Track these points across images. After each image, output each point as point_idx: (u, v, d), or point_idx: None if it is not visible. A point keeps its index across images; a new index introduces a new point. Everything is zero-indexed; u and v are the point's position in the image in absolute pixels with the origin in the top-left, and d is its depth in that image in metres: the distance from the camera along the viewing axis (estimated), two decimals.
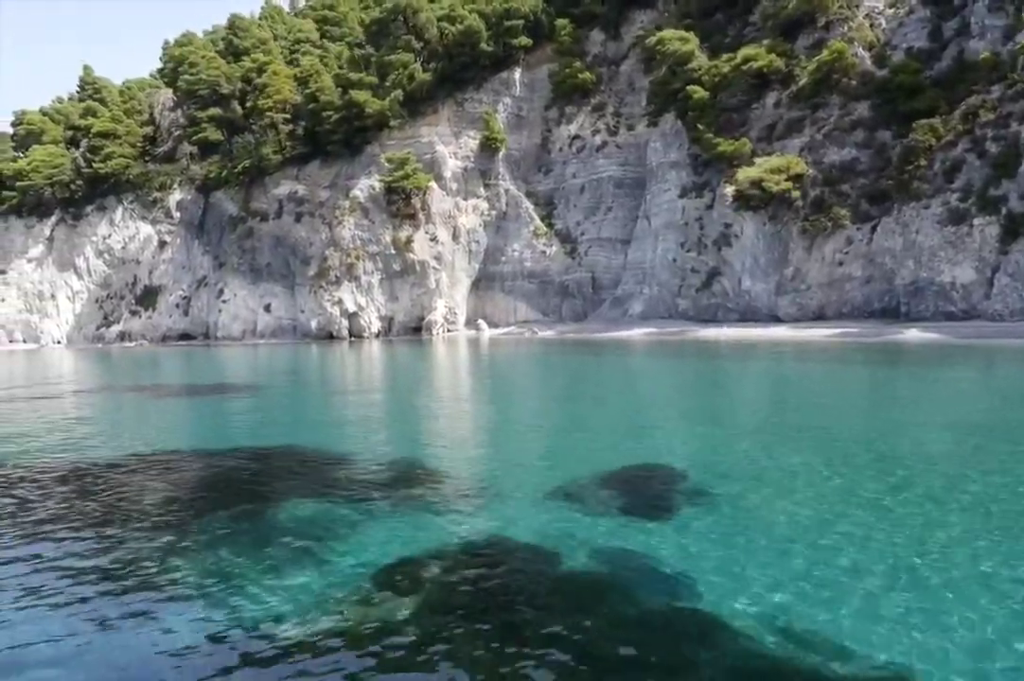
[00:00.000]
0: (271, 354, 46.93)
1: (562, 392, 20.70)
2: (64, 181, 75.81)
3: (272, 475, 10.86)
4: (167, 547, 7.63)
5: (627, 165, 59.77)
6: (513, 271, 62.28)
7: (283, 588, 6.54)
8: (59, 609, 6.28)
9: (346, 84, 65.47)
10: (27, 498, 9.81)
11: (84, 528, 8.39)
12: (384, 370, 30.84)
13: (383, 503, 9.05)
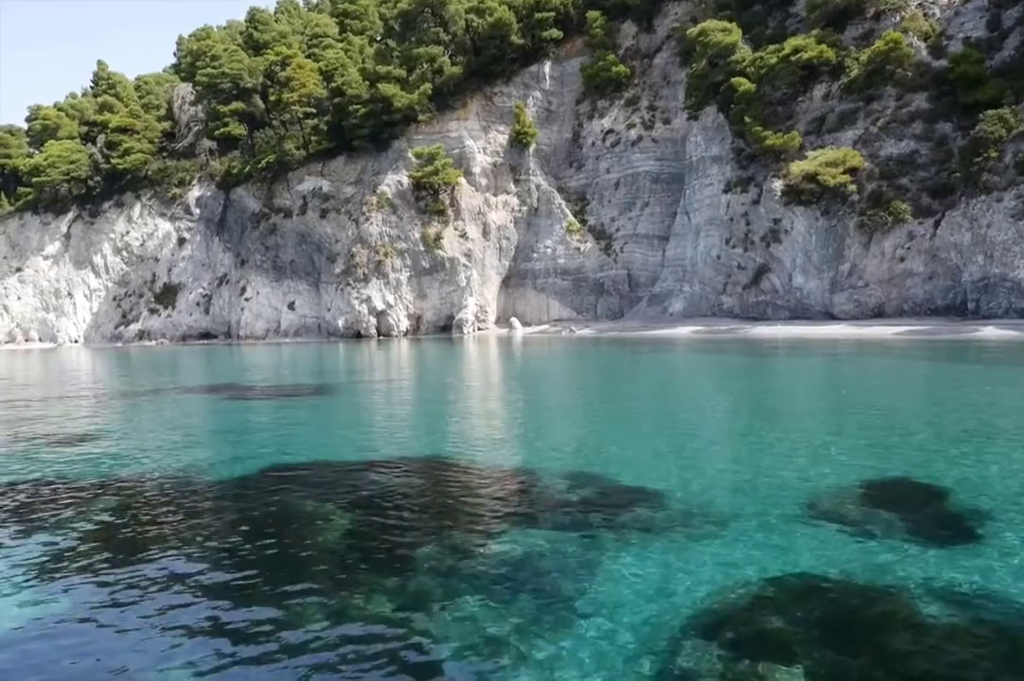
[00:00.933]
0: (304, 353, 45.51)
1: (682, 394, 19.30)
2: (81, 177, 74.34)
3: (448, 493, 9.36)
4: (359, 596, 5.86)
5: (664, 160, 58.43)
6: (545, 268, 60.91)
7: (546, 660, 4.86)
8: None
9: (373, 77, 64.07)
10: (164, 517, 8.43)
11: (260, 564, 6.99)
12: (445, 370, 29.41)
13: (606, 531, 7.43)
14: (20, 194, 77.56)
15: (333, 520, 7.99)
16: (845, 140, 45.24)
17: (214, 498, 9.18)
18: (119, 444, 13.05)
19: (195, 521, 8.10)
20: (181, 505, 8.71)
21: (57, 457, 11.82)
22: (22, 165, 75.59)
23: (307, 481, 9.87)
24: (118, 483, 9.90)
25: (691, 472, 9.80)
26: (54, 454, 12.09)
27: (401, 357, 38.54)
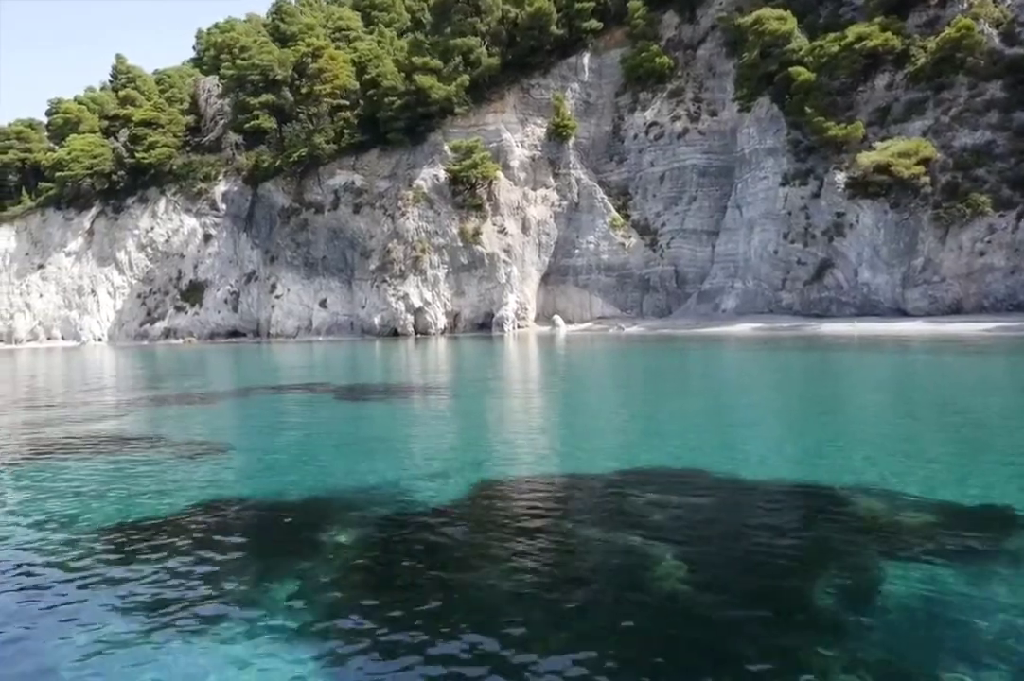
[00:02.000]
0: (349, 352, 43.93)
1: (810, 395, 17.68)
2: (104, 171, 72.72)
3: (734, 512, 7.76)
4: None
5: (711, 153, 56.89)
6: (588, 264, 59.35)
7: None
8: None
9: (409, 69, 62.50)
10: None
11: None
12: (533, 369, 27.78)
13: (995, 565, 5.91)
14: (41, 189, 75.99)
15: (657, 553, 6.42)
16: (913, 130, 43.70)
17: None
18: (271, 454, 11.49)
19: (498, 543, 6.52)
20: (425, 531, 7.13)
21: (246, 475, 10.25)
22: (44, 160, 73.96)
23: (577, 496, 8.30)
24: (312, 504, 8.34)
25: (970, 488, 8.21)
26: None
27: (461, 356, 36.99)
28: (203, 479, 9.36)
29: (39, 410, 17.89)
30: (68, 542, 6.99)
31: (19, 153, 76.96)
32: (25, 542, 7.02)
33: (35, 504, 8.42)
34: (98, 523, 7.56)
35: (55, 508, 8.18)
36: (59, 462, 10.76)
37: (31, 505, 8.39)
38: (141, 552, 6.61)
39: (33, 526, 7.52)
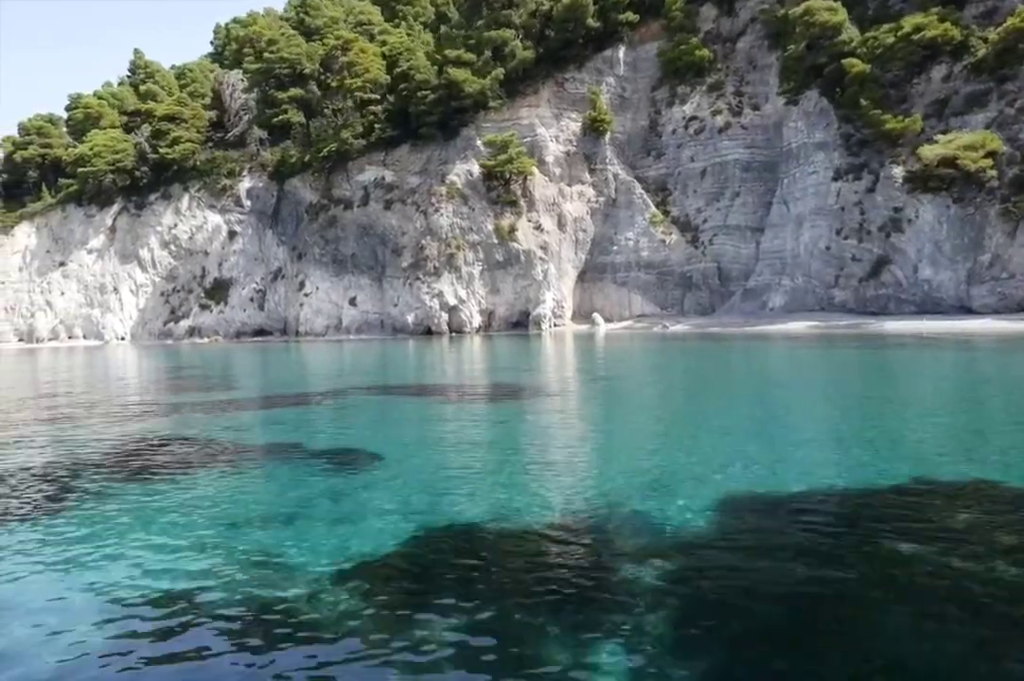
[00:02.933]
0: (390, 350, 42.77)
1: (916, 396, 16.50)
2: (127, 167, 71.41)
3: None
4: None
5: (754, 147, 55.72)
6: (627, 261, 58.17)
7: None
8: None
9: (441, 62, 61.31)
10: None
11: None
12: (608, 369, 26.57)
13: None
14: (62, 186, 74.71)
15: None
16: (976, 123, 42.56)
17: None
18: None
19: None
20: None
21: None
22: (65, 155, 72.68)
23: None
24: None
25: None
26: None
27: (517, 354, 35.81)
28: (388, 496, 8.16)
29: (140, 418, 16.71)
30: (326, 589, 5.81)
31: (39, 149, 75.64)
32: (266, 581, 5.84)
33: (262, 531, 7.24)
34: (330, 562, 6.38)
35: (272, 541, 6.99)
36: (238, 480, 9.58)
37: (245, 531, 7.20)
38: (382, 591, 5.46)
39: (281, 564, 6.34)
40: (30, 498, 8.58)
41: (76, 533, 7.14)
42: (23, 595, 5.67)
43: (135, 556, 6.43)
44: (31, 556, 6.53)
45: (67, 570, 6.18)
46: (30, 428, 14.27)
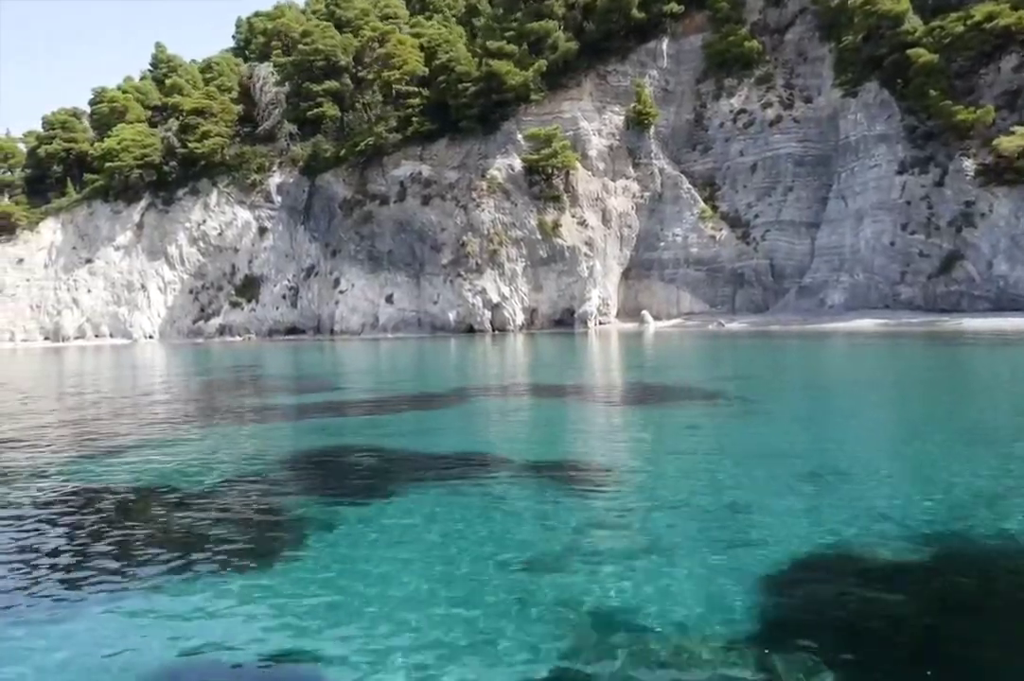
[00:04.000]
0: (443, 348, 41.41)
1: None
2: (155, 162, 69.93)
3: None
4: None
5: (808, 141, 54.37)
6: (675, 258, 56.80)
7: None
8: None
9: (482, 54, 59.90)
10: None
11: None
12: (708, 369, 25.20)
13: None
14: (87, 181, 73.22)
15: None
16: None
17: None
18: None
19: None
20: None
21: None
22: (92, 150, 71.20)
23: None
24: None
25: None
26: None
27: (584, 352, 34.48)
28: (688, 521, 6.81)
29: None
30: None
31: (63, 143, 74.15)
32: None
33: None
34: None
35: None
36: (475, 502, 8.21)
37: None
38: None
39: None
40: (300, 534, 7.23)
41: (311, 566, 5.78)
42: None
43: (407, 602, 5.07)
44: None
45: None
46: (200, 446, 12.91)
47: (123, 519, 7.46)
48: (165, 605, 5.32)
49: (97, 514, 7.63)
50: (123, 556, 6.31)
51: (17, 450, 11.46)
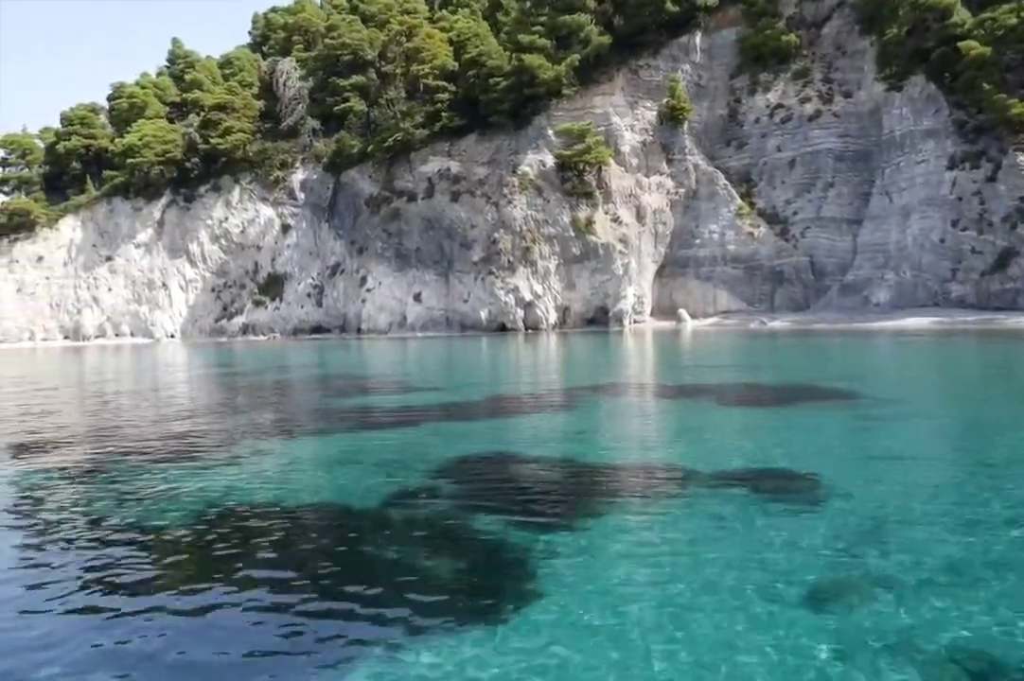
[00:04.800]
0: (486, 346, 40.40)
1: None
2: (176, 158, 68.89)
3: None
4: None
5: (848, 136, 53.46)
6: (711, 255, 55.85)
7: None
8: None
9: (512, 48, 58.88)
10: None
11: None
12: (806, 367, 24.25)
13: None
14: (106, 177, 72.14)
15: None
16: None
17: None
18: None
19: None
20: None
21: None
22: (113, 146, 70.10)
23: None
24: None
25: None
26: None
27: (646, 351, 33.50)
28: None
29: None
30: None
31: (82, 139, 73.07)
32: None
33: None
34: None
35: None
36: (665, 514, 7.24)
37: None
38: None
39: None
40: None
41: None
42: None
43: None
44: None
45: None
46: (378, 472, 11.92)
47: (289, 552, 6.32)
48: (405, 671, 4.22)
49: (258, 543, 6.49)
50: (319, 607, 5.12)
51: (143, 467, 10.47)
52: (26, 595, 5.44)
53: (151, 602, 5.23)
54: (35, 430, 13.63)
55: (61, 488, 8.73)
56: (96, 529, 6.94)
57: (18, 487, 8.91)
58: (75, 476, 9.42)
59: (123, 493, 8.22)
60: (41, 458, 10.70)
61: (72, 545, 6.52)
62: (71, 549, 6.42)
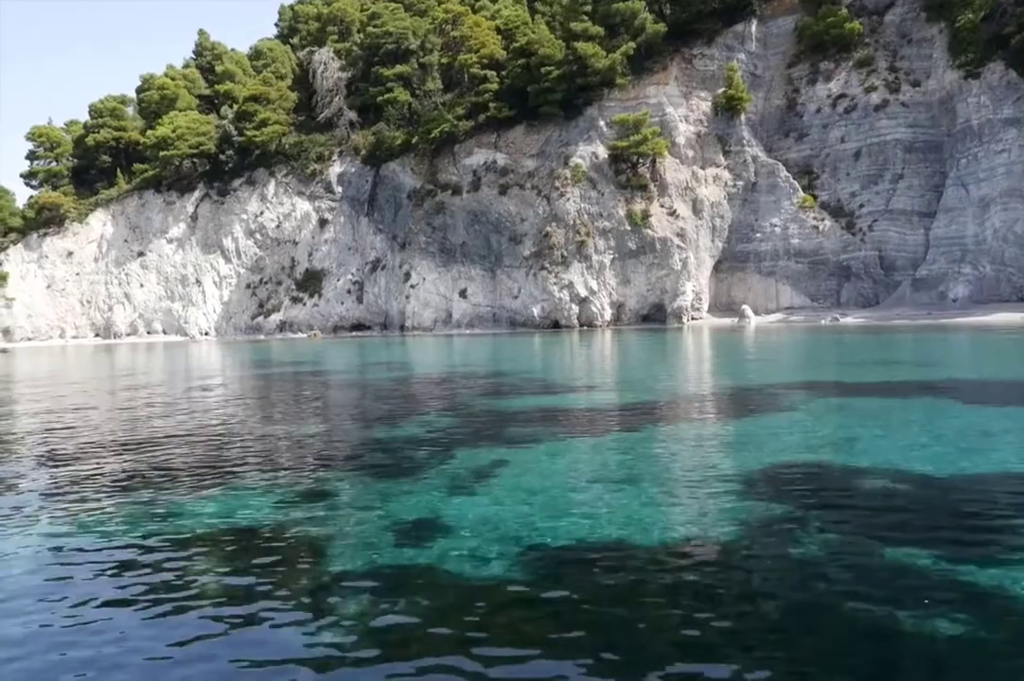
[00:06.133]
0: (557, 343, 38.57)
1: None
2: (210, 151, 67.02)
3: None
4: None
5: (918, 126, 51.70)
6: (773, 249, 54.07)
7: None
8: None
9: (564, 36, 57.11)
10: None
11: None
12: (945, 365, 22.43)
13: None
14: (136, 170, 70.26)
15: None
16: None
17: None
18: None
19: None
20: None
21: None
22: (145, 139, 68.20)
23: None
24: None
25: None
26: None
27: (739, 350, 31.70)
28: None
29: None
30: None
31: (112, 132, 71.20)
32: None
33: None
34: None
35: None
36: None
37: None
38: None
39: None
40: None
41: None
42: None
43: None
44: None
45: None
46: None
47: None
48: None
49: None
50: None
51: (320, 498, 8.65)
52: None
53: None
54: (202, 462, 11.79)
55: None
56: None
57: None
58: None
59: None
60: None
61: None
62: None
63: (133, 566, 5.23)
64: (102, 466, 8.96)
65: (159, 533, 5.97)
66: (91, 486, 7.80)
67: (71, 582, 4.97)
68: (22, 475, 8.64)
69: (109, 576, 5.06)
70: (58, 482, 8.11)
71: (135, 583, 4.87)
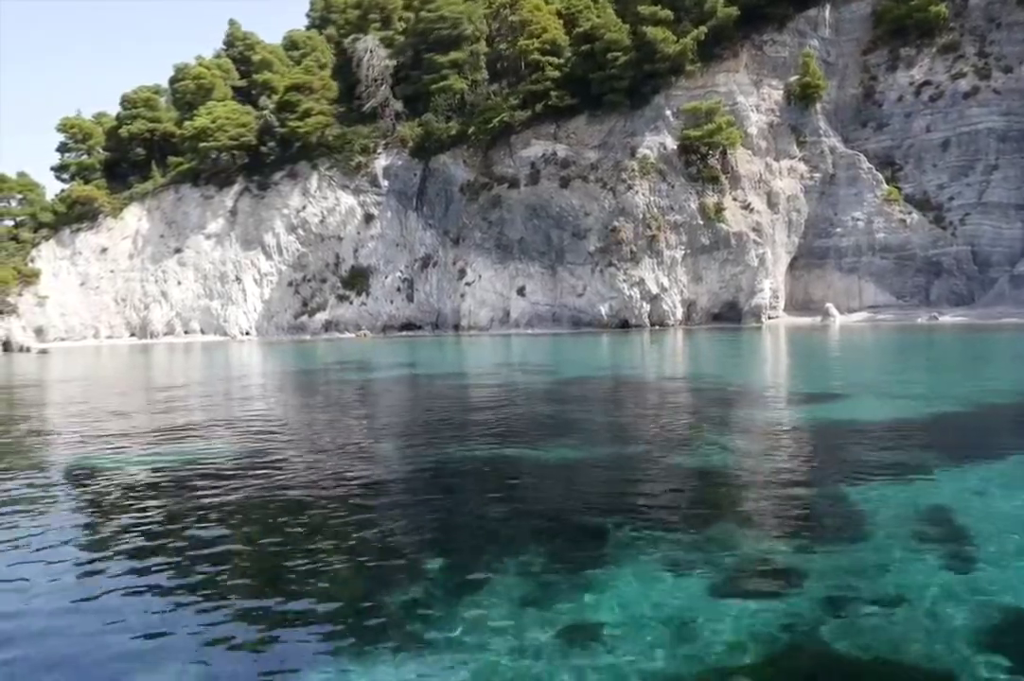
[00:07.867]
0: (668, 346, 35.89)
1: None
2: (251, 143, 64.15)
3: None
4: None
5: (1012, 114, 49.02)
6: (855, 245, 51.36)
7: None
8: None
9: (633, 20, 54.35)
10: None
11: None
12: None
13: None
14: (171, 163, 67.38)
15: None
16: None
17: None
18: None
19: None
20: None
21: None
22: (182, 130, 65.28)
23: None
24: None
25: None
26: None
27: (863, 354, 29.02)
28: None
29: None
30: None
31: (147, 123, 68.32)
32: None
33: None
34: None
35: None
36: None
37: None
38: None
39: None
40: None
41: None
42: None
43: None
44: None
45: None
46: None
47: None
48: None
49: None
50: None
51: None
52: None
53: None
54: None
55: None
56: None
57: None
58: None
59: None
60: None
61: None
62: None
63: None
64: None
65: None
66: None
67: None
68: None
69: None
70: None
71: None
